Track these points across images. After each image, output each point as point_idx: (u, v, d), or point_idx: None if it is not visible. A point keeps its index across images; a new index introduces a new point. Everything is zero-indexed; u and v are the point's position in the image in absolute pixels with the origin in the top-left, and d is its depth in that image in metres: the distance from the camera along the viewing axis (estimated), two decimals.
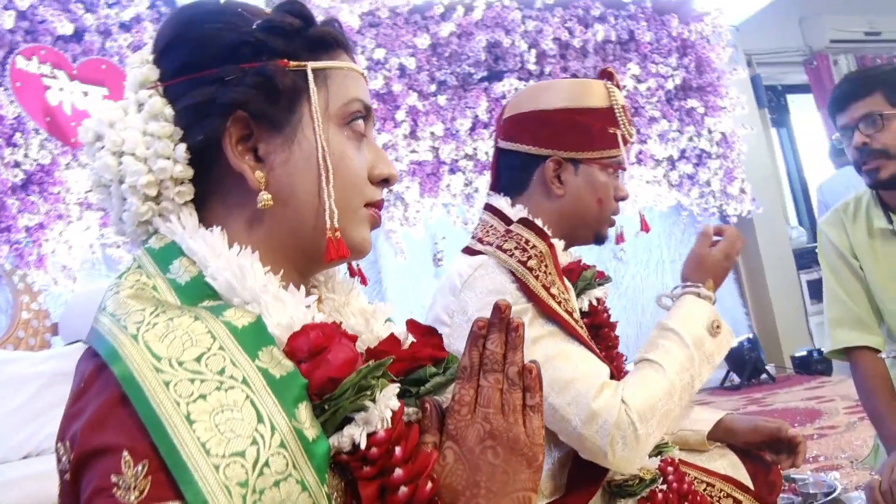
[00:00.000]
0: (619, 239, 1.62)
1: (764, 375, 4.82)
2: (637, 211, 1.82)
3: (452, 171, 4.36)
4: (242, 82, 0.72)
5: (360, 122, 0.79)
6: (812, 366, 4.88)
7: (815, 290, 5.54)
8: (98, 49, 3.44)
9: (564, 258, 1.40)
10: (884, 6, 6.21)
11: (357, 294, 0.84)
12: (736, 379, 4.88)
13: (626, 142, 1.39)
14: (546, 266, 1.25)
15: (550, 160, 1.36)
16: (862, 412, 3.41)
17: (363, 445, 0.63)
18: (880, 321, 1.86)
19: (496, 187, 1.46)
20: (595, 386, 1.18)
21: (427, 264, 4.47)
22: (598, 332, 1.37)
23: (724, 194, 5.03)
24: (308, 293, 0.80)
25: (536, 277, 1.23)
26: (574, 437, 1.19)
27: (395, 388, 0.68)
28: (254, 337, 0.64)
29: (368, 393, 0.65)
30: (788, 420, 3.56)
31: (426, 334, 0.77)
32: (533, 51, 4.48)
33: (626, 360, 1.45)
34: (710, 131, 4.97)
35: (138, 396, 0.57)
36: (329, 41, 0.77)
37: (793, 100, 6.36)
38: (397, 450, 0.65)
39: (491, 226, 1.37)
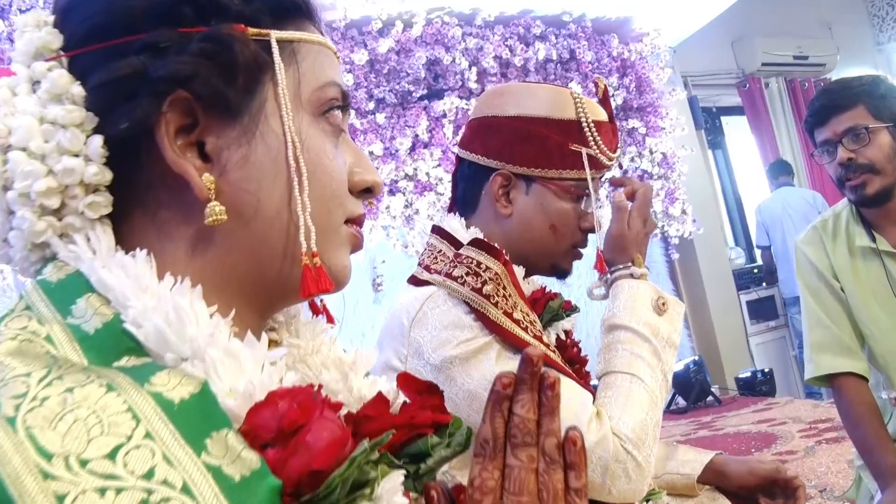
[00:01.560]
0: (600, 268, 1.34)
1: (710, 398, 4.76)
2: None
3: (392, 193, 4.18)
4: (186, 50, 0.52)
5: (338, 112, 0.60)
6: (756, 387, 4.85)
7: (755, 310, 5.58)
8: (9, 60, 3.14)
9: (526, 287, 1.22)
10: (810, 31, 6.36)
11: (328, 339, 0.64)
12: (682, 402, 4.81)
13: (599, 165, 1.18)
14: (504, 288, 1.08)
15: (498, 174, 1.17)
16: (819, 436, 3.36)
17: None
18: (862, 344, 1.76)
19: (453, 205, 1.28)
20: (584, 418, 1.03)
21: (366, 289, 4.27)
22: (569, 369, 1.21)
23: (665, 215, 4.99)
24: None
25: (496, 305, 1.05)
26: None
27: (399, 477, 0.49)
28: (198, 417, 0.44)
29: (367, 490, 0.46)
30: (743, 445, 3.49)
31: (423, 392, 0.58)
32: (474, 69, 4.35)
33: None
34: (651, 151, 4.93)
35: None
36: (297, 7, 0.59)
37: (727, 121, 6.42)
38: None
39: (439, 251, 1.19)
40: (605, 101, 1.22)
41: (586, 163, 1.16)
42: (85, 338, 0.48)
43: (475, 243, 1.10)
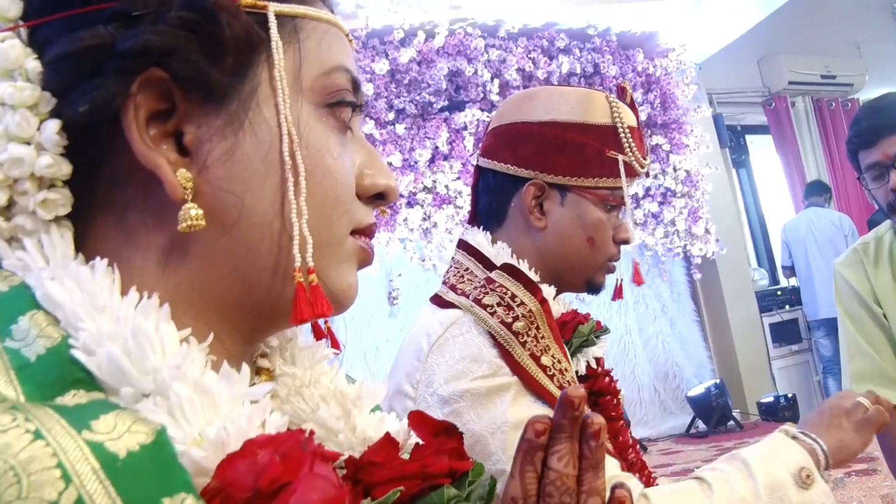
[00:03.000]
0: (618, 294, 1.26)
1: (731, 422, 4.64)
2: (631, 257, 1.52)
3: (410, 205, 4.11)
4: (163, 20, 0.43)
5: (348, 101, 0.51)
6: (779, 412, 4.72)
7: (778, 333, 5.45)
8: None
9: (557, 308, 1.12)
10: (838, 50, 6.26)
11: (330, 369, 0.55)
12: (702, 426, 4.69)
13: (633, 173, 1.10)
14: (538, 329, 0.98)
15: (531, 184, 1.08)
16: (848, 467, 3.23)
17: None
18: None
19: (474, 218, 1.18)
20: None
21: (382, 303, 4.19)
22: (596, 401, 1.10)
23: (688, 234, 4.89)
24: (254, 368, 0.52)
25: (524, 345, 0.96)
26: None
27: None
28: (149, 477, 0.34)
29: None
30: None
31: (439, 433, 0.49)
32: (496, 81, 4.29)
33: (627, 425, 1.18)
34: (675, 169, 4.84)
35: None
36: None
37: (752, 140, 6.32)
38: None
39: (466, 269, 1.09)
40: (632, 106, 1.14)
41: (622, 170, 1.08)
42: (24, 366, 0.39)
43: (512, 272, 1.01)
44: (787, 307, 5.60)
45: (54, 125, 0.43)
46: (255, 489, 0.36)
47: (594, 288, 1.14)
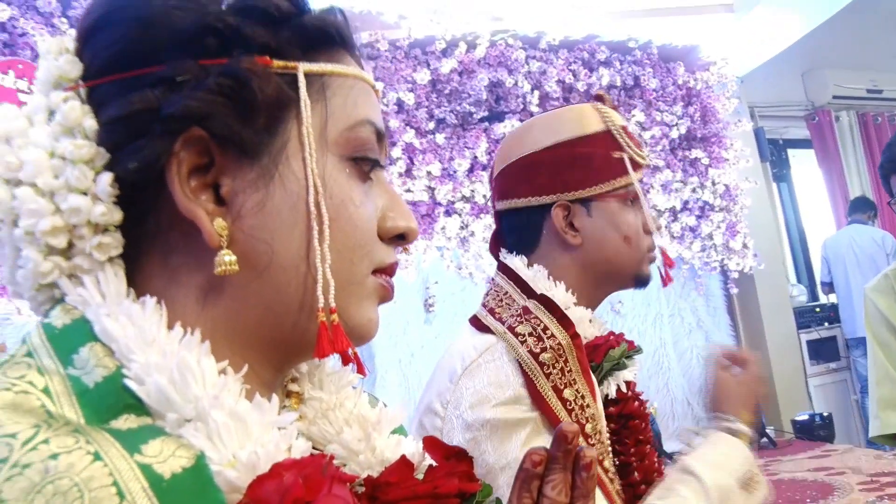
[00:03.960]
0: (667, 280, 1.29)
1: (764, 439, 4.60)
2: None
3: (448, 213, 4.16)
4: (202, 85, 0.48)
5: (371, 156, 0.56)
6: (814, 431, 4.67)
7: (815, 350, 5.39)
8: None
9: (592, 330, 1.17)
10: (885, 64, 6.16)
11: (354, 393, 0.60)
12: None
13: (638, 166, 1.16)
14: (566, 362, 1.02)
15: (556, 206, 1.13)
16: (881, 490, 3.20)
17: None
18: None
19: (506, 248, 1.22)
20: None
21: (418, 310, 4.24)
22: (626, 424, 1.14)
23: (726, 248, 4.86)
24: (284, 391, 0.57)
25: (548, 376, 1.00)
26: None
27: None
28: (189, 495, 0.40)
29: None
30: (798, 494, 3.35)
31: (450, 457, 0.54)
32: (536, 92, 4.32)
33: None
34: (713, 183, 4.82)
35: None
36: (331, 35, 0.55)
37: (794, 154, 6.25)
38: None
39: (506, 293, 1.13)
40: (615, 108, 1.22)
41: (629, 165, 1.15)
42: (84, 392, 0.44)
43: (547, 304, 1.05)
44: (826, 324, 5.53)
45: (108, 178, 0.49)
46: None
47: (642, 281, 1.20)
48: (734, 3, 4.56)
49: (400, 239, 0.59)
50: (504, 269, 1.16)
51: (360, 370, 0.61)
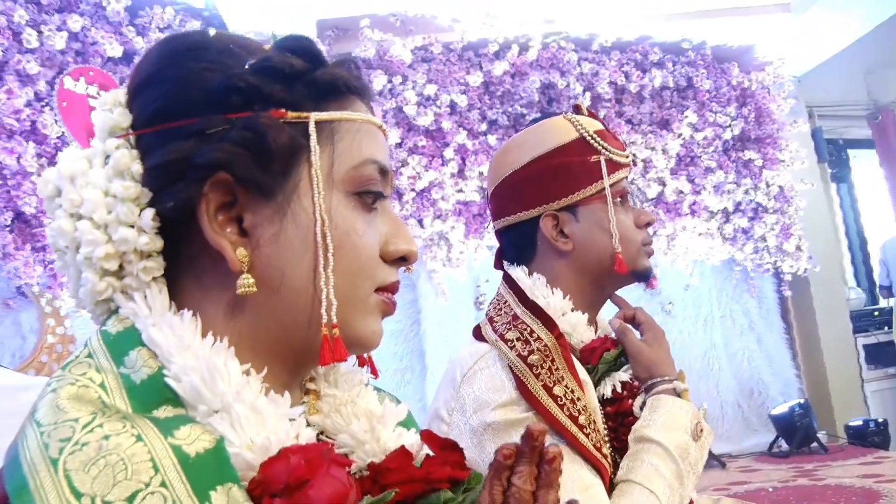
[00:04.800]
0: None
1: (815, 444, 4.56)
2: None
3: None
4: (226, 137, 0.59)
5: (374, 190, 0.65)
6: (868, 437, 4.60)
7: (872, 355, 5.29)
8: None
9: (588, 334, 1.24)
10: None
11: (365, 391, 0.70)
12: (785, 445, 4.63)
13: (619, 165, 1.22)
14: (553, 361, 1.09)
15: (544, 217, 1.21)
16: None
17: None
18: None
19: (509, 260, 1.30)
20: None
21: (468, 307, 4.33)
22: (622, 422, 1.20)
23: (779, 250, 4.83)
24: (303, 389, 0.68)
25: (537, 376, 1.07)
26: None
27: None
28: (209, 470, 0.51)
29: None
30: (843, 499, 3.33)
31: (445, 448, 0.63)
32: (588, 94, 4.37)
33: None
34: (767, 184, 4.78)
35: None
36: (340, 87, 0.64)
37: (854, 155, 6.13)
38: None
39: (505, 302, 1.20)
40: (591, 114, 1.28)
41: (604, 167, 1.20)
42: (132, 387, 0.55)
43: (533, 309, 1.13)
44: (885, 328, 5.42)
45: (150, 213, 0.59)
46: (286, 483, 0.52)
47: (641, 275, 1.26)
48: (791, 2, 4.52)
49: (402, 260, 0.67)
50: (507, 279, 1.24)
51: (374, 371, 0.71)
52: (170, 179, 0.59)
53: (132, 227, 0.59)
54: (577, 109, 1.30)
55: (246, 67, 0.61)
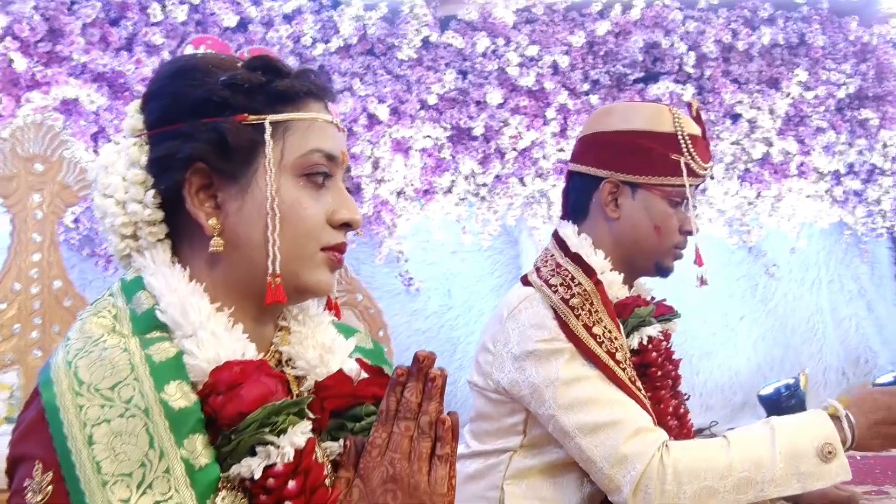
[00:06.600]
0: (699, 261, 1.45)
1: None
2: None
3: None
4: (199, 138, 0.79)
5: (321, 171, 0.83)
6: None
7: None
8: (260, 39, 3.68)
9: (623, 291, 1.37)
10: None
11: (322, 329, 0.90)
12: None
13: (694, 174, 1.33)
14: (592, 304, 1.23)
15: (606, 181, 1.35)
16: None
17: (257, 476, 0.71)
18: None
19: (565, 214, 1.46)
20: (627, 431, 1.17)
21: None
22: (645, 372, 1.32)
23: (894, 214, 4.64)
24: (276, 327, 0.89)
25: (578, 317, 1.22)
26: (600, 477, 1.20)
27: (305, 426, 0.75)
28: (168, 371, 0.73)
29: (269, 429, 0.71)
30: None
31: (376, 374, 0.84)
32: (692, 53, 4.31)
33: (686, 398, 1.40)
34: (884, 145, 4.59)
35: (54, 418, 0.68)
36: (293, 94, 0.82)
37: None
38: (290, 483, 0.71)
39: (551, 255, 1.36)
40: (698, 119, 1.36)
41: (684, 170, 1.31)
42: (135, 318, 0.78)
43: (575, 259, 1.27)
44: None
45: (152, 193, 0.82)
46: (226, 384, 0.72)
47: (663, 271, 1.39)
48: None
49: (347, 226, 0.85)
50: (556, 235, 1.38)
51: (337, 314, 0.93)
52: (164, 168, 0.81)
53: (140, 203, 0.81)
54: (689, 107, 1.42)
55: (219, 82, 0.80)
